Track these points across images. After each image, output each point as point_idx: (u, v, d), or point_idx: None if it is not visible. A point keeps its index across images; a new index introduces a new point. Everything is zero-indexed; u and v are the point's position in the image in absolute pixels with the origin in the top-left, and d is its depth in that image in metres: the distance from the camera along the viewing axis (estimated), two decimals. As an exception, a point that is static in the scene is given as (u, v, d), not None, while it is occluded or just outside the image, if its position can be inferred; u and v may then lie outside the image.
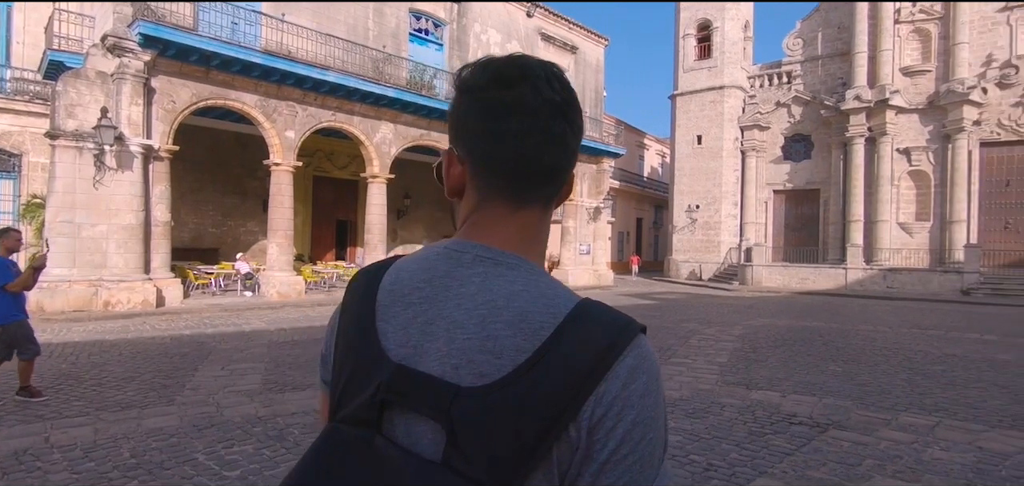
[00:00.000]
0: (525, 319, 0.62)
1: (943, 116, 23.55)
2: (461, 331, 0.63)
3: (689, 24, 30.17)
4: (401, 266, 0.72)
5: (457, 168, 0.72)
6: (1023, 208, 22.69)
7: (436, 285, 0.67)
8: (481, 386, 0.59)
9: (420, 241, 24.70)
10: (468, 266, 0.67)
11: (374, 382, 0.64)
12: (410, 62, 18.00)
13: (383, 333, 0.67)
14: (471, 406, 0.59)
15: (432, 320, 0.65)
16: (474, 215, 0.71)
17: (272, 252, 14.99)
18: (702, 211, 29.50)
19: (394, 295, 0.69)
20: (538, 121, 0.68)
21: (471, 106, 0.70)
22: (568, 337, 0.60)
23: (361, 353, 0.67)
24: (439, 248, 0.71)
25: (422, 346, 0.64)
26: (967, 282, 21.05)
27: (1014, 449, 4.59)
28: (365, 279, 0.73)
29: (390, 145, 17.26)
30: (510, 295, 0.64)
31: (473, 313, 0.63)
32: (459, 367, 0.61)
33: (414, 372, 0.63)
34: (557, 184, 0.72)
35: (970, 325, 13.06)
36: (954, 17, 23.36)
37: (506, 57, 0.71)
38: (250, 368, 7.02)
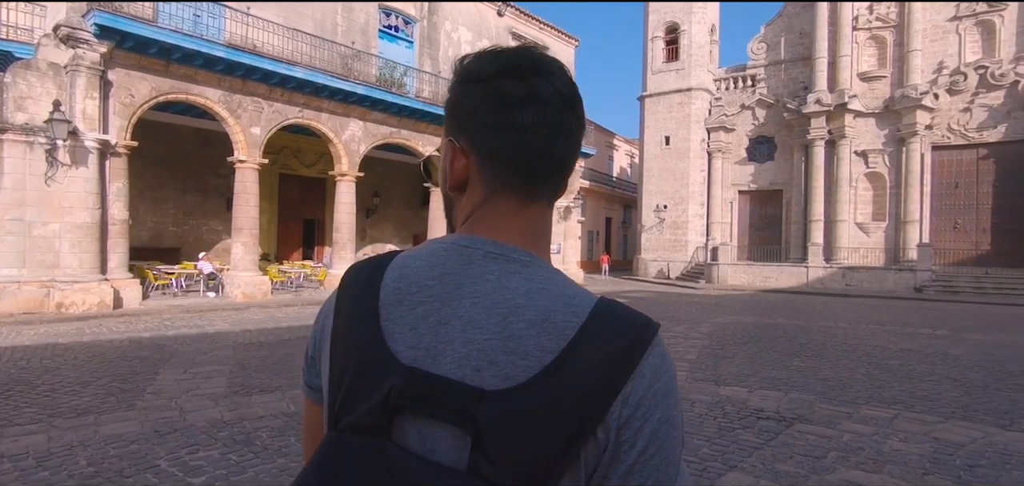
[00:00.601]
0: (548, 318, 0.60)
1: (898, 120, 24.50)
2: (480, 331, 0.60)
3: (657, 27, 30.64)
4: (404, 263, 0.68)
5: (461, 161, 0.69)
6: (971, 209, 23.78)
7: (447, 283, 0.64)
8: (506, 388, 0.57)
9: (389, 240, 24.44)
10: (480, 263, 0.64)
11: (383, 387, 0.60)
12: (380, 59, 17.78)
13: (389, 334, 0.63)
14: (497, 410, 0.56)
15: (445, 320, 0.62)
16: (481, 210, 0.69)
17: (237, 251, 14.61)
18: (670, 211, 30.00)
19: (400, 294, 0.65)
20: (550, 114, 0.66)
21: (479, 96, 0.67)
22: (592, 337, 0.59)
23: (365, 356, 0.63)
24: (446, 244, 0.67)
25: (436, 347, 0.61)
26: (920, 280, 21.95)
27: (967, 439, 4.80)
28: (363, 276, 0.68)
29: (359, 143, 17.01)
30: (530, 293, 0.62)
31: (492, 312, 0.61)
32: (481, 369, 0.58)
33: (431, 375, 0.59)
34: (564, 179, 0.71)
35: (923, 321, 13.61)
36: (908, 25, 24.32)
37: (514, 48, 0.69)
38: (214, 371, 6.81)
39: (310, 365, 0.75)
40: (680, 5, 29.74)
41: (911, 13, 24.20)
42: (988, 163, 23.43)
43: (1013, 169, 22.76)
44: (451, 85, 0.72)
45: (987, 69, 22.87)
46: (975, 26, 23.51)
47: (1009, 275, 21.46)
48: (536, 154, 0.67)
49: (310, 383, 0.75)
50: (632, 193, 39.92)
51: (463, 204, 0.71)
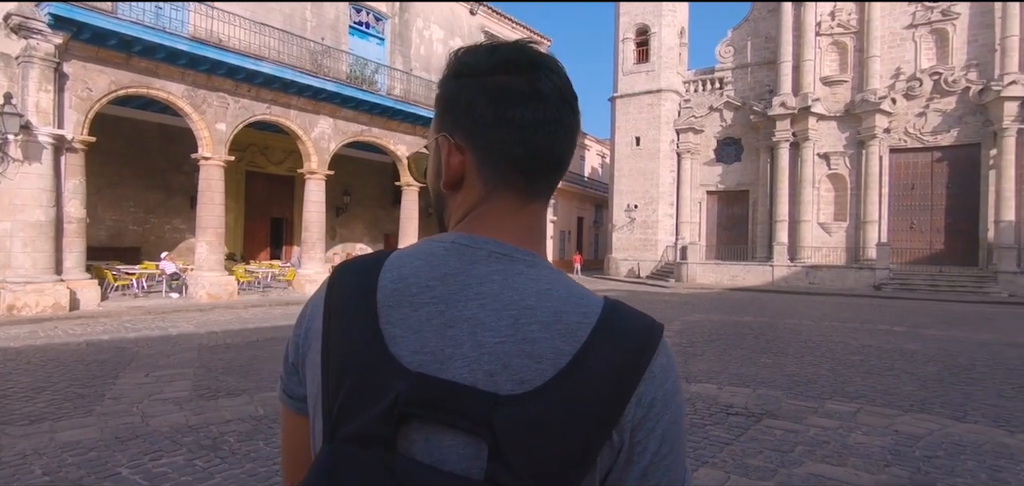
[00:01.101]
0: (561, 320, 0.59)
1: (858, 124, 25.31)
2: (491, 334, 0.58)
3: (628, 28, 30.98)
4: (400, 262, 0.64)
5: (457, 157, 0.66)
6: (925, 210, 24.74)
7: (450, 283, 0.61)
8: (522, 393, 0.55)
9: (360, 239, 24.13)
10: (484, 263, 0.62)
11: (388, 394, 0.56)
12: (350, 56, 17.54)
13: (391, 338, 0.59)
14: (514, 415, 0.54)
15: (451, 322, 0.59)
16: (480, 208, 0.66)
17: (201, 251, 14.20)
18: (640, 211, 30.38)
19: (399, 295, 0.61)
20: (551, 111, 0.65)
21: (477, 91, 0.65)
22: (604, 338, 0.58)
23: (365, 362, 0.59)
24: (445, 243, 0.65)
25: (443, 351, 0.58)
26: (879, 278, 22.74)
27: (925, 431, 4.99)
28: (356, 277, 0.64)
29: (329, 141, 16.73)
30: (539, 294, 0.60)
31: (502, 314, 0.59)
32: (495, 373, 0.56)
33: (440, 381, 0.57)
34: (560, 177, 0.69)
35: (882, 317, 14.10)
36: (868, 32, 25.15)
37: (512, 43, 0.68)
38: (178, 374, 6.61)
39: (291, 372, 0.70)
40: (650, 7, 30.13)
41: (871, 20, 25.03)
42: (942, 166, 24.41)
43: (964, 172, 23.76)
44: (443, 79, 0.69)
45: (941, 75, 23.82)
46: (930, 34, 24.45)
47: (961, 273, 22.40)
48: (537, 152, 0.65)
49: (291, 392, 0.71)
50: (603, 193, 40.31)
51: (458, 202, 0.68)
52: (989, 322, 13.35)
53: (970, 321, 13.54)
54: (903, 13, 24.86)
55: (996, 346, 9.74)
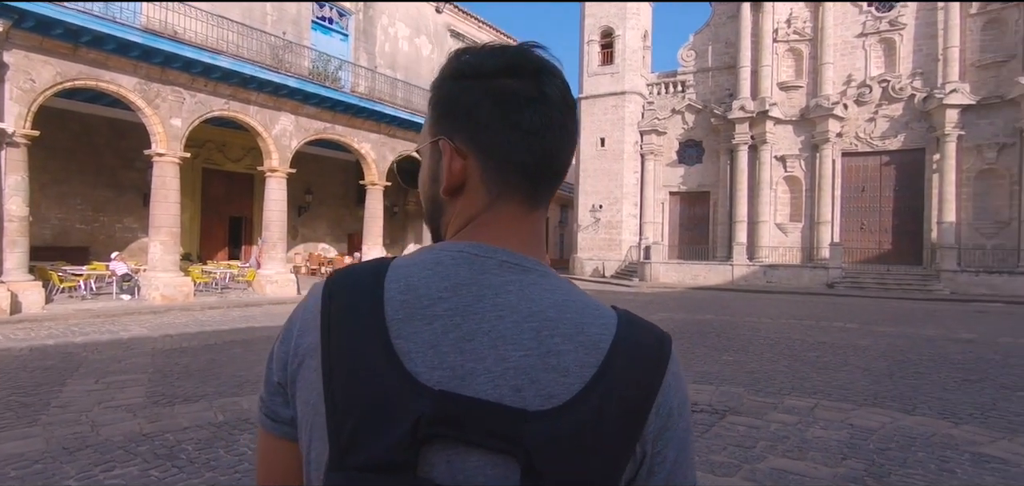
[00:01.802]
0: (582, 332, 0.58)
1: (812, 128, 26.23)
2: (514, 347, 0.56)
3: (593, 30, 31.29)
4: (408, 272, 0.60)
5: (459, 163, 0.64)
6: (875, 211, 25.84)
7: (463, 294, 0.58)
8: (551, 409, 0.54)
9: (323, 239, 23.67)
10: (496, 273, 0.60)
11: (407, 415, 0.53)
12: (313, 51, 17.17)
13: (405, 354, 0.56)
14: (545, 431, 0.53)
15: (470, 336, 0.56)
16: (484, 216, 0.64)
17: (155, 251, 13.66)
18: (605, 211, 30.74)
19: (409, 308, 0.58)
20: (556, 116, 0.64)
21: (481, 94, 0.63)
22: (624, 350, 0.58)
23: (379, 381, 0.55)
24: (452, 251, 0.62)
25: (464, 367, 0.55)
26: (832, 277, 23.63)
27: (878, 424, 5.20)
28: (358, 287, 0.60)
29: (291, 138, 16.34)
30: (557, 305, 0.59)
31: (523, 326, 0.57)
32: (521, 388, 0.54)
33: (465, 398, 0.54)
34: (560, 184, 0.68)
35: (835, 315, 14.65)
36: (821, 39, 26.09)
37: (516, 46, 0.66)
38: (131, 380, 6.33)
39: (274, 392, 0.64)
40: (614, 10, 30.51)
41: (824, 28, 25.97)
42: (890, 169, 25.53)
43: (910, 175, 24.92)
44: (441, 81, 0.67)
45: (889, 83, 24.91)
46: (879, 43, 25.54)
47: (907, 272, 23.48)
48: (543, 157, 0.64)
49: (274, 414, 0.65)
50: (569, 193, 40.62)
51: (459, 209, 0.66)
52: (933, 318, 14.04)
53: (916, 318, 14.20)
54: (854, 22, 25.89)
55: (940, 341, 10.24)
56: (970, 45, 23.63)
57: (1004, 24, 23.04)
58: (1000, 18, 23.10)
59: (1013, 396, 6.35)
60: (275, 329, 10.42)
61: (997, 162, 23.00)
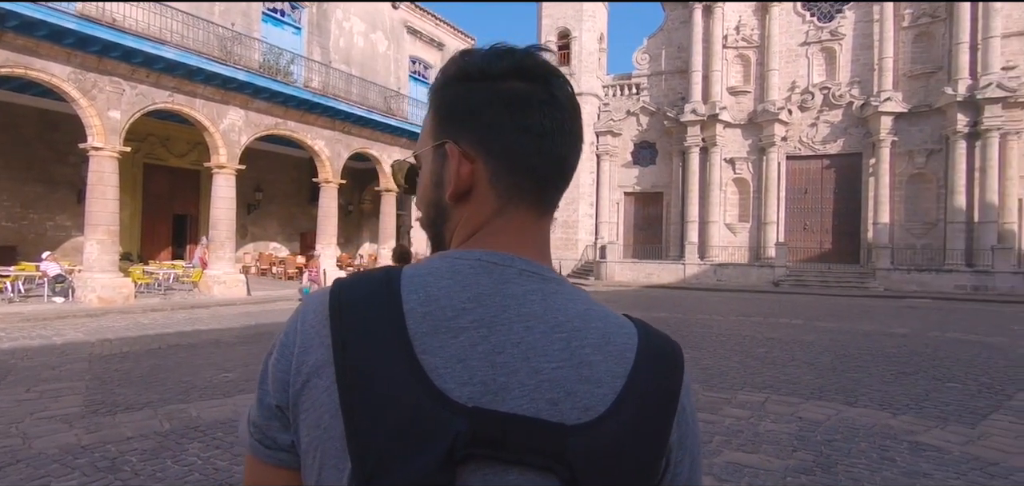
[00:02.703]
0: (610, 341, 0.57)
1: (759, 132, 27.27)
2: (545, 359, 0.54)
3: (550, 31, 31.54)
4: (426, 282, 0.57)
5: (467, 167, 0.61)
6: (817, 212, 27.09)
7: (487, 305, 0.56)
8: (589, 421, 0.53)
9: (274, 238, 22.95)
10: (517, 282, 0.58)
11: (442, 435, 0.50)
12: (264, 44, 16.61)
13: (432, 370, 0.53)
14: (586, 445, 0.52)
15: (499, 348, 0.54)
16: (495, 223, 0.62)
17: (91, 250, 12.90)
18: (562, 211, 31.01)
19: (433, 320, 0.55)
20: (566, 120, 0.62)
21: (489, 95, 0.61)
22: (648, 360, 0.58)
23: (407, 400, 0.51)
24: (470, 260, 0.59)
25: (496, 381, 0.53)
26: (777, 275, 24.63)
27: (824, 416, 5.44)
28: (372, 299, 0.56)
29: (240, 133, 15.75)
30: (582, 315, 0.58)
31: (552, 337, 0.55)
32: (558, 401, 0.53)
33: (502, 415, 0.51)
34: (566, 188, 0.66)
35: (782, 311, 15.28)
36: (768, 47, 27.15)
37: (523, 48, 0.64)
38: (66, 388, 5.95)
39: (272, 416, 0.59)
40: (571, 11, 30.86)
41: (770, 36, 27.05)
42: (830, 172, 26.82)
43: (849, 178, 26.26)
44: (444, 83, 0.64)
45: (829, 90, 26.17)
46: (820, 52, 26.79)
47: (847, 270, 24.74)
48: (553, 161, 0.62)
49: (271, 441, 0.59)
50: (526, 192, 40.82)
51: (466, 215, 0.63)
52: (869, 314, 14.83)
53: (854, 314, 14.97)
54: (798, 31, 27.07)
55: (877, 336, 10.82)
56: (903, 56, 25.09)
57: (932, 38, 24.57)
58: (929, 32, 24.63)
59: (943, 387, 6.77)
60: (225, 332, 10.02)
61: (926, 167, 24.51)
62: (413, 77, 23.32)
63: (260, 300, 15.15)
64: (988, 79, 22.37)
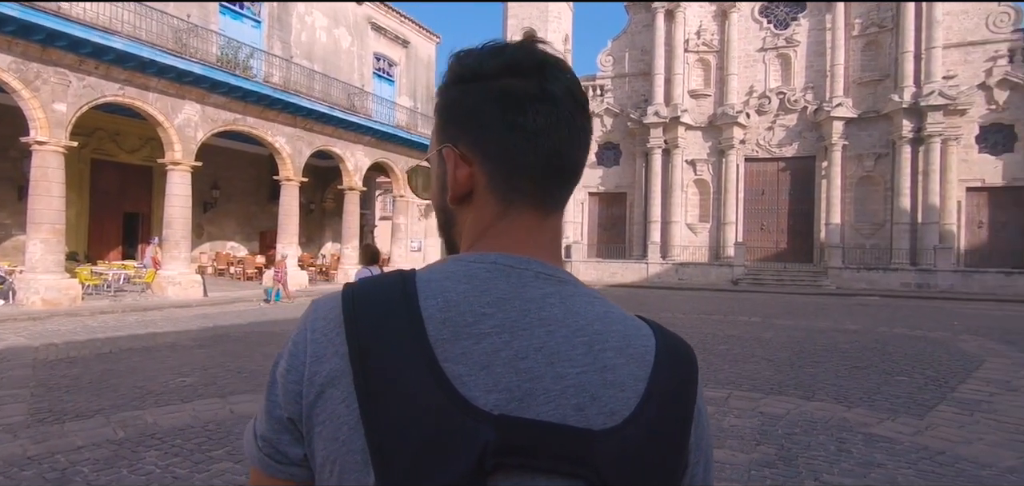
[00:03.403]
0: (630, 344, 0.57)
1: (719, 134, 28.00)
2: (569, 364, 0.54)
3: (515, 31, 31.61)
4: (443, 287, 0.56)
5: (465, 170, 0.61)
6: (774, 213, 28.00)
7: (507, 309, 0.55)
8: (614, 426, 0.52)
9: (231, 237, 22.28)
10: (534, 285, 0.57)
11: (471, 444, 0.49)
12: (222, 37, 16.08)
13: (456, 378, 0.51)
14: (614, 450, 0.52)
15: (522, 354, 0.53)
16: (499, 225, 0.61)
17: (34, 250, 12.23)
18: (527, 210, 31.17)
19: (454, 327, 0.53)
20: (563, 115, 0.60)
21: (482, 96, 0.60)
22: (666, 361, 0.58)
23: (433, 410, 0.50)
24: (484, 263, 0.58)
25: (521, 387, 0.52)
26: (736, 274, 25.34)
27: (784, 411, 5.62)
28: (389, 306, 0.55)
29: (196, 128, 15.21)
30: (603, 318, 0.58)
31: (574, 341, 0.55)
32: (583, 407, 0.52)
33: (529, 422, 0.50)
34: (575, 184, 0.64)
35: (741, 309, 15.72)
36: (727, 52, 27.91)
37: (518, 43, 0.62)
38: (9, 396, 5.63)
39: (283, 430, 0.57)
40: (536, 11, 31.03)
41: (730, 41, 27.80)
42: (786, 174, 27.76)
43: (803, 181, 27.23)
44: (443, 86, 0.64)
45: (785, 95, 27.08)
46: (776, 58, 27.69)
47: (802, 269, 25.66)
48: (550, 159, 0.60)
49: (281, 455, 0.58)
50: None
51: (471, 219, 0.62)
52: (823, 312, 15.41)
53: (809, 311, 15.53)
54: (756, 37, 27.91)
55: (831, 333, 11.26)
56: (853, 64, 26.17)
57: (880, 47, 25.71)
58: (877, 41, 25.76)
59: (893, 380, 7.09)
60: (182, 334, 9.66)
61: (874, 170, 25.64)
62: (377, 74, 23.00)
63: (218, 301, 14.67)
64: (931, 87, 23.56)
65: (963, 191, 24.05)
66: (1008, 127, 23.62)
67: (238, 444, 4.43)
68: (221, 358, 7.79)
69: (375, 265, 6.45)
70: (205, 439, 4.55)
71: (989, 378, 7.33)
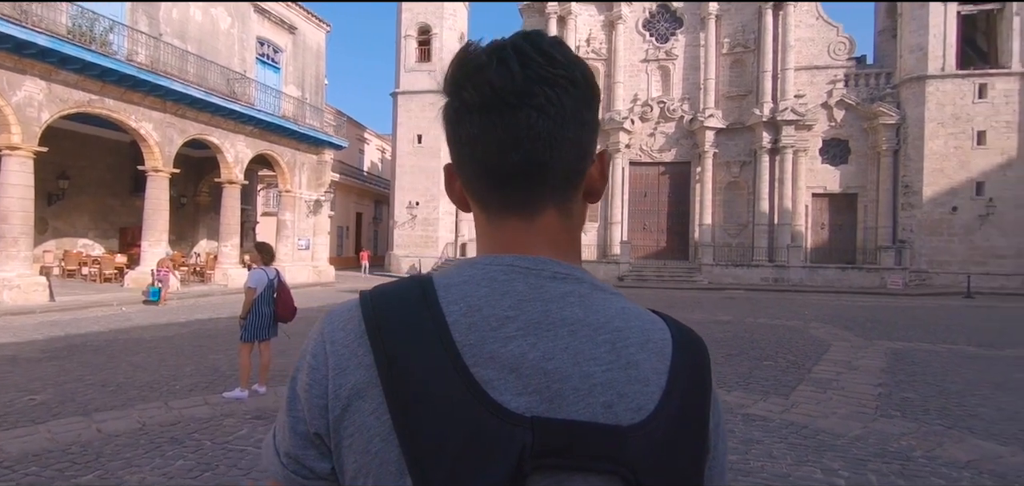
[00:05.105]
0: (649, 339, 0.57)
1: (607, 139, 29.49)
2: (595, 363, 0.54)
3: (410, 26, 31.07)
4: (463, 291, 0.56)
5: (455, 183, 0.64)
6: (654, 214, 30.08)
7: (529, 311, 0.55)
8: (641, 421, 0.53)
9: (85, 233, 19.71)
10: (552, 285, 0.57)
11: (508, 449, 0.49)
12: (74, 6, 14.14)
13: (487, 383, 0.52)
14: (644, 445, 0.52)
15: (548, 355, 0.53)
16: (491, 231, 0.62)
17: None
18: (422, 208, 30.77)
19: (479, 332, 0.54)
20: (505, 112, 0.56)
21: (446, 111, 0.61)
22: (683, 353, 0.58)
23: (467, 416, 0.50)
24: (501, 265, 0.58)
25: (550, 388, 0.52)
26: (622, 271, 26.89)
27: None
28: (413, 314, 0.55)
29: (40, 109, 13.26)
30: (622, 315, 0.58)
31: (597, 339, 0.55)
32: (612, 404, 0.53)
33: (561, 422, 0.51)
34: (562, 175, 0.60)
35: (628, 304, 16.68)
36: (614, 60, 29.51)
37: (488, 44, 0.60)
38: None
39: (309, 444, 0.57)
40: (432, 8, 30.68)
41: (617, 51, 29.43)
42: (665, 178, 29.93)
43: (680, 184, 29.54)
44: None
45: (665, 104, 29.18)
46: (657, 69, 29.75)
47: (679, 266, 27.82)
48: (491, 166, 0.58)
49: (309, 470, 0.57)
50: (384, 188, 39.74)
51: (476, 225, 0.65)
52: (699, 305, 16.83)
53: (687, 304, 16.88)
54: (639, 49, 29.80)
55: (707, 324, 12.32)
56: (722, 79, 28.82)
57: (745, 65, 28.56)
58: (742, 60, 28.59)
59: (762, 365, 7.93)
60: (25, 346, 8.36)
61: (740, 176, 28.43)
62: (261, 60, 21.44)
63: (69, 307, 12.89)
64: (785, 104, 26.61)
65: (809, 196, 27.43)
66: (844, 142, 27.32)
67: (112, 466, 3.95)
68: (79, 371, 6.87)
69: (272, 265, 6.04)
70: (69, 464, 4.00)
71: (836, 359, 8.45)
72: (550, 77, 0.57)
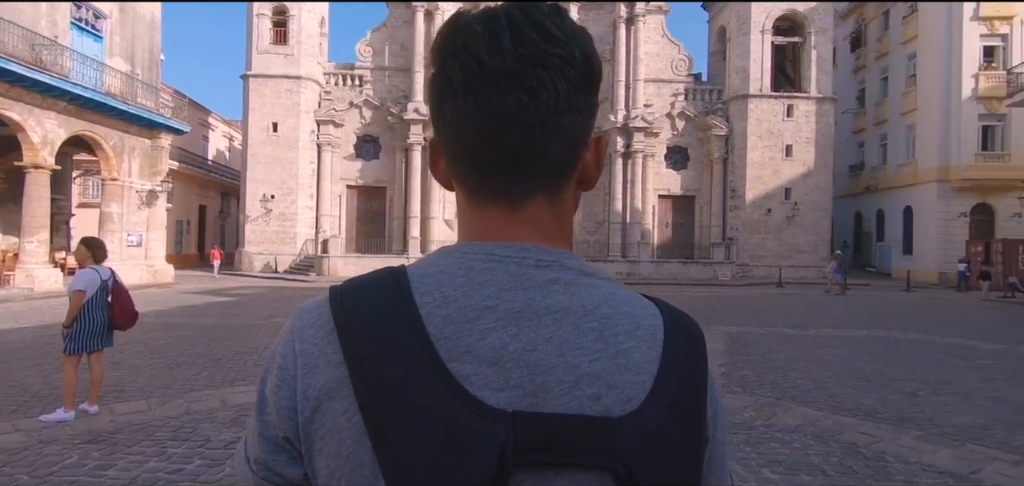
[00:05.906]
0: (640, 325, 0.54)
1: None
2: (581, 352, 0.51)
3: (264, 4, 28.69)
4: (437, 282, 0.53)
5: (440, 162, 0.60)
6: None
7: (509, 300, 0.52)
8: (632, 411, 0.50)
9: None
10: (535, 272, 0.54)
11: (488, 447, 0.46)
12: None
13: (464, 378, 0.48)
14: (635, 437, 0.49)
15: (530, 347, 0.50)
16: (477, 218, 0.58)
17: None
18: (278, 202, 28.60)
19: (455, 323, 0.51)
20: (493, 92, 0.52)
21: (431, 87, 0.57)
22: (676, 338, 0.55)
23: (444, 414, 0.47)
24: (479, 254, 0.55)
25: (533, 382, 0.49)
26: (489, 267, 27.41)
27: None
28: (384, 308, 0.51)
29: None
30: (610, 301, 0.55)
31: (583, 328, 0.52)
32: (600, 396, 0.50)
33: (545, 417, 0.48)
34: (552, 160, 0.56)
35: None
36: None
37: (469, 15, 0.55)
38: None
39: (279, 449, 0.54)
40: (288, -12, 28.63)
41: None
42: (530, 177, 31.06)
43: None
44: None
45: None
46: (523, 71, 30.76)
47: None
48: (477, 149, 0.55)
49: (279, 476, 0.54)
50: (232, 179, 36.30)
51: (460, 208, 0.61)
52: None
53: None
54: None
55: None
56: (582, 85, 30.60)
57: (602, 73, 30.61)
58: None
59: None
60: None
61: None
62: (77, 25, 18.34)
63: None
64: (636, 112, 29.00)
65: (656, 198, 30.19)
66: (684, 149, 30.48)
67: None
68: None
69: (103, 263, 5.21)
70: None
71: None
72: (544, 57, 0.52)
